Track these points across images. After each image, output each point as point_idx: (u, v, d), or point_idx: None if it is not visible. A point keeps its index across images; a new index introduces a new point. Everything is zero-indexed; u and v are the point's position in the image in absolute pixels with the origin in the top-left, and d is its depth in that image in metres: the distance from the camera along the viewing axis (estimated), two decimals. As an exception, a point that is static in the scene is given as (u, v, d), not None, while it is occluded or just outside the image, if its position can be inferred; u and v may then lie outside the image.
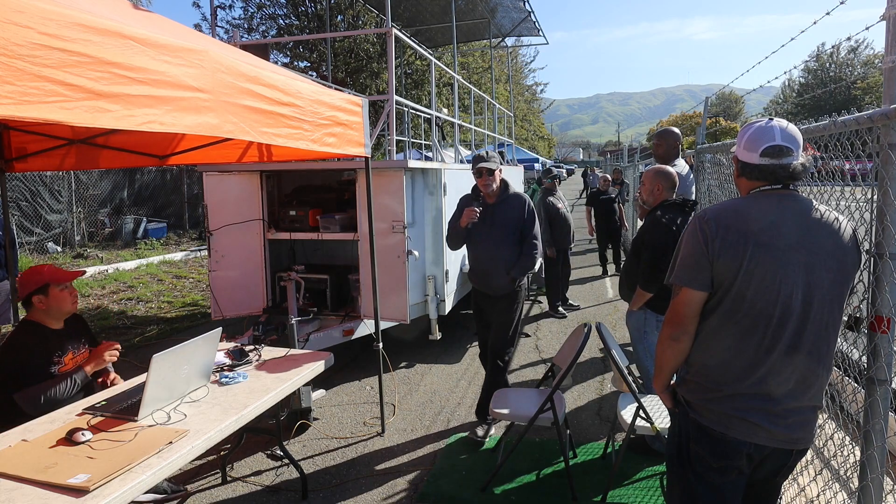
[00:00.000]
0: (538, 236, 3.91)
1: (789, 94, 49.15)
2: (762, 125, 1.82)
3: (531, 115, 34.86)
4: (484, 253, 3.86)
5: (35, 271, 2.84)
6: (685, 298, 1.81)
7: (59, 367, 2.77)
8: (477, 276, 3.98)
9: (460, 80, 8.31)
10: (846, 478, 2.28)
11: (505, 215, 3.83)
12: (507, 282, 3.81)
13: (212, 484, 3.43)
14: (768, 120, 1.84)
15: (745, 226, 1.73)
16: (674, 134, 4.40)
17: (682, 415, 1.90)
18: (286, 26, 16.37)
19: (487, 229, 3.82)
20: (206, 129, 2.15)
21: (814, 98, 40.72)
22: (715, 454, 1.81)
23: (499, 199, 3.88)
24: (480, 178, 3.79)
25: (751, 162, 1.82)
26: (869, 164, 1.96)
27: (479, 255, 3.92)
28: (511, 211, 3.84)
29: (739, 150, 1.87)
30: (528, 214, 3.86)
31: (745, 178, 1.86)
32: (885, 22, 1.78)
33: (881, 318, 1.80)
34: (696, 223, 1.81)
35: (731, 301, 1.75)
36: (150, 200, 15.17)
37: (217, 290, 5.21)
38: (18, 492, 1.84)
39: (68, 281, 2.84)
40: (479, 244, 3.89)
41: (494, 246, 3.81)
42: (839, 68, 46.94)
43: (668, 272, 1.90)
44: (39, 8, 1.50)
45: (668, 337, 1.86)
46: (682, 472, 1.89)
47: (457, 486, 3.37)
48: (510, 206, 3.85)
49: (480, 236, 3.85)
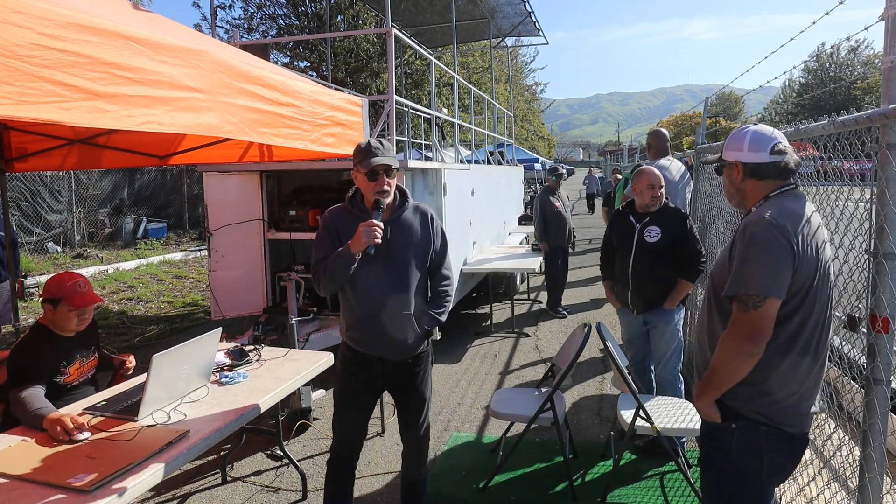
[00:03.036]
0: (451, 267, 2.81)
1: (789, 94, 49.15)
2: (754, 129, 1.89)
3: (531, 115, 34.84)
4: (377, 298, 2.51)
5: (59, 281, 2.75)
6: (769, 311, 1.71)
7: (64, 378, 2.77)
8: (366, 333, 2.56)
9: (460, 80, 8.31)
10: (845, 477, 2.28)
11: (405, 239, 2.55)
12: (418, 338, 2.61)
13: (212, 484, 3.43)
14: (748, 126, 1.93)
15: (809, 228, 1.76)
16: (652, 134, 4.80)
17: (748, 429, 1.83)
18: (286, 26, 16.38)
19: (381, 261, 2.49)
20: (205, 129, 2.15)
21: (814, 98, 40.71)
22: (792, 455, 1.85)
23: (393, 216, 2.56)
24: (376, 182, 2.45)
25: (761, 161, 1.84)
26: (868, 164, 1.96)
27: (369, 301, 2.52)
28: (413, 232, 2.59)
29: (743, 154, 1.88)
30: (437, 234, 2.69)
31: (755, 180, 1.88)
32: (885, 22, 1.78)
33: (881, 318, 1.80)
34: (771, 230, 1.72)
35: (806, 306, 1.75)
36: (150, 200, 15.18)
37: (217, 290, 5.21)
38: (18, 492, 1.84)
39: (79, 308, 2.73)
40: (368, 285, 2.51)
41: (394, 286, 2.53)
42: (839, 68, 46.94)
43: (738, 284, 1.75)
44: (38, 8, 1.49)
45: (745, 353, 1.75)
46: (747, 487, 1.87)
47: (457, 486, 3.37)
48: (411, 225, 2.59)
49: (370, 273, 2.49)
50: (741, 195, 1.95)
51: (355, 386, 2.66)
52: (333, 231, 2.53)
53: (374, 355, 2.60)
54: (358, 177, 2.51)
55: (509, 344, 6.16)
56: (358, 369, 2.64)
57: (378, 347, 2.58)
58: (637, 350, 3.84)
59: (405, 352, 2.61)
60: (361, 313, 2.55)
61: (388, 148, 2.51)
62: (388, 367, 2.62)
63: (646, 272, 3.61)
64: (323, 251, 2.52)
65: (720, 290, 1.86)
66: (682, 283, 3.58)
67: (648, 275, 3.60)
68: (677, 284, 3.58)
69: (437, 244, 2.68)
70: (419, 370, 2.68)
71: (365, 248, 2.37)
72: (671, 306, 3.60)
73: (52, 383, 2.68)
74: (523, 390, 3.74)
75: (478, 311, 7.56)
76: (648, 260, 3.59)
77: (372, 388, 2.69)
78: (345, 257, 2.41)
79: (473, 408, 4.48)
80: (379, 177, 2.45)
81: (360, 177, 2.49)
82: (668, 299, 3.59)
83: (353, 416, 2.67)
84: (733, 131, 1.97)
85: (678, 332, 3.67)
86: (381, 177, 2.45)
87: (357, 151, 2.51)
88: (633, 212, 3.73)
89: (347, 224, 2.50)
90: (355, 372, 2.64)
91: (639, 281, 3.64)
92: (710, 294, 1.97)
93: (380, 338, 2.56)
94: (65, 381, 2.77)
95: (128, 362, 3.15)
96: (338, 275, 2.44)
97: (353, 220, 2.48)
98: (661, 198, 3.63)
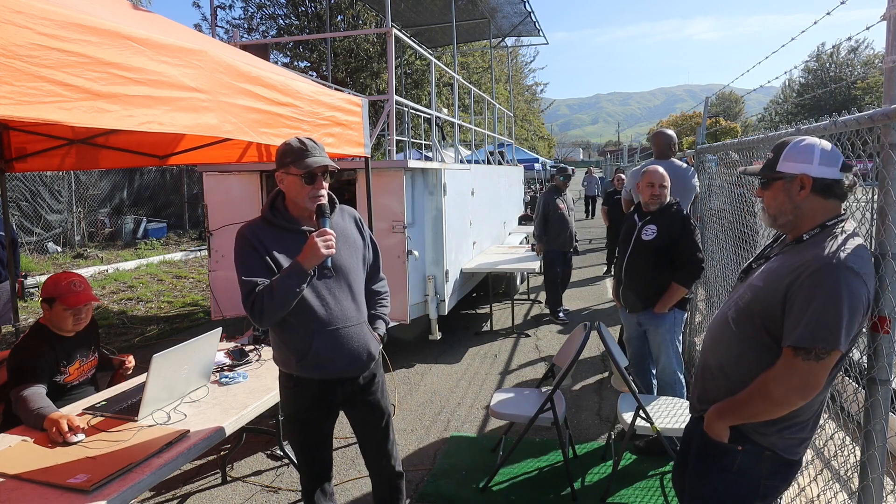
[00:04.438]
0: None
1: (789, 94, 49.13)
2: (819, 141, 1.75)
3: (531, 115, 34.83)
4: (333, 313, 2.27)
5: (55, 281, 2.76)
6: (830, 363, 1.61)
7: (64, 377, 2.77)
8: (324, 354, 2.26)
9: (460, 80, 8.31)
10: (846, 478, 2.27)
11: (344, 245, 2.33)
12: (375, 345, 2.43)
13: (212, 484, 3.42)
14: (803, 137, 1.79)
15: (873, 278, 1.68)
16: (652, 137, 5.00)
17: (753, 453, 1.80)
18: (286, 26, 16.38)
19: (327, 272, 2.25)
20: (205, 129, 2.15)
21: (814, 98, 40.70)
22: (787, 480, 1.86)
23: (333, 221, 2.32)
24: (313, 185, 2.20)
25: (833, 178, 1.70)
26: (869, 164, 1.96)
27: (323, 318, 2.25)
28: (350, 237, 2.39)
29: (812, 167, 1.71)
30: (367, 235, 2.50)
31: (822, 198, 1.72)
32: (886, 22, 1.77)
33: (883, 319, 1.80)
34: (857, 281, 1.58)
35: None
36: (150, 200, 15.18)
37: (217, 290, 5.21)
38: (18, 492, 1.84)
39: (74, 307, 2.74)
40: (320, 301, 2.24)
41: (345, 295, 2.31)
42: (839, 68, 46.91)
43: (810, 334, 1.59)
44: (38, 8, 1.49)
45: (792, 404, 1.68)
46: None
47: (457, 486, 3.37)
48: (347, 230, 2.39)
49: (319, 288, 2.25)
50: (797, 215, 1.76)
51: (314, 422, 2.38)
52: (262, 249, 2.16)
53: (333, 378, 2.31)
54: (287, 179, 2.20)
55: (509, 344, 6.16)
56: (315, 403, 2.34)
57: (338, 367, 2.29)
58: (635, 350, 3.85)
59: (367, 362, 2.38)
60: (315, 334, 2.23)
61: (322, 147, 2.26)
62: (348, 387, 2.36)
63: (639, 270, 3.63)
64: (255, 274, 2.13)
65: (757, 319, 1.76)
66: (674, 287, 3.54)
67: (642, 273, 3.62)
68: (669, 287, 3.55)
69: (371, 245, 2.50)
70: (378, 378, 2.47)
71: (321, 261, 2.12)
72: (661, 310, 3.56)
73: (52, 383, 2.68)
74: (523, 390, 3.74)
75: (478, 311, 7.56)
76: (643, 258, 3.60)
77: (330, 414, 2.43)
78: (297, 276, 2.10)
79: (473, 408, 4.48)
80: (317, 180, 2.19)
81: (292, 179, 2.19)
82: (658, 302, 3.57)
83: (318, 451, 2.44)
84: (791, 142, 1.78)
85: (672, 337, 3.64)
86: (318, 179, 2.19)
87: (287, 151, 2.20)
88: (639, 210, 3.77)
89: (276, 239, 2.20)
90: (311, 406, 2.35)
91: (631, 278, 3.66)
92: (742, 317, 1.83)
93: (340, 355, 2.28)
94: (65, 380, 2.77)
95: (127, 362, 3.15)
96: (290, 298, 2.11)
97: (280, 234, 2.21)
98: (661, 197, 3.63)
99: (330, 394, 2.34)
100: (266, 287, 2.11)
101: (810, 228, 1.75)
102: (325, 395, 2.34)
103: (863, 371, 1.92)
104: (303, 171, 2.16)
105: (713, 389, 1.92)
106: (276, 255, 2.17)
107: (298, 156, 2.17)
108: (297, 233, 2.24)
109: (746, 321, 1.80)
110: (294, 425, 2.43)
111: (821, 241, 1.68)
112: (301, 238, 2.20)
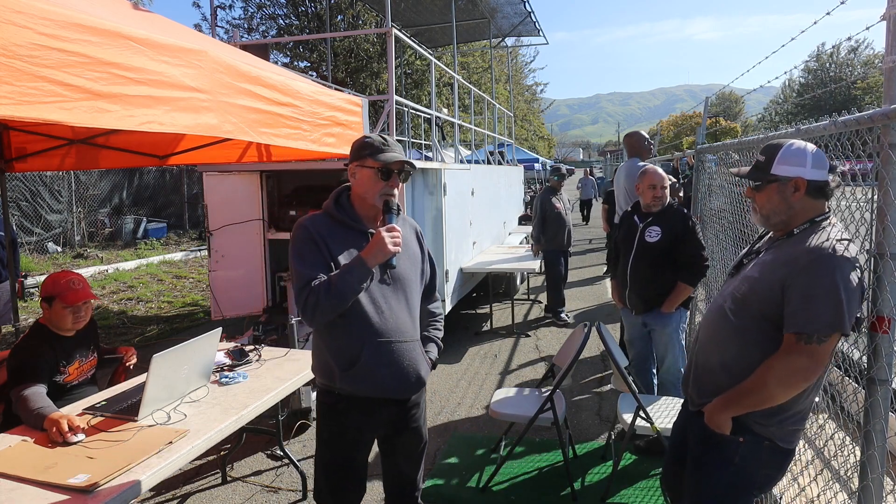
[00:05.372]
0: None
1: (789, 94, 49.13)
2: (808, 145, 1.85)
3: (531, 115, 34.83)
4: (389, 322, 2.07)
5: (54, 279, 2.77)
6: (831, 345, 1.71)
7: (64, 377, 2.77)
8: (374, 368, 2.05)
9: (460, 80, 8.31)
10: (846, 478, 2.27)
11: (405, 253, 2.16)
12: (426, 369, 2.20)
13: (212, 484, 3.43)
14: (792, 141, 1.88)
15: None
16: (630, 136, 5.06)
17: (753, 443, 1.85)
18: (286, 26, 16.40)
19: (387, 278, 2.10)
20: (205, 129, 2.14)
21: (814, 98, 40.70)
22: (783, 469, 1.92)
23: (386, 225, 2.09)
24: (389, 181, 2.08)
25: (823, 180, 1.81)
26: (869, 164, 1.96)
27: (379, 326, 2.05)
28: (410, 247, 2.23)
29: (806, 170, 1.80)
30: (426, 249, 2.34)
31: (813, 199, 1.82)
32: (886, 22, 1.77)
33: (882, 319, 1.80)
34: (851, 265, 1.68)
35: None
36: (150, 200, 15.18)
37: (217, 290, 5.21)
38: (18, 492, 1.84)
39: (73, 304, 2.75)
40: (376, 307, 2.06)
41: (402, 307, 2.13)
42: (839, 68, 46.92)
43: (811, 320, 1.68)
44: (38, 8, 1.49)
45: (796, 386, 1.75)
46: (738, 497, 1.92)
47: (457, 486, 3.37)
48: (408, 239, 2.21)
49: (375, 292, 2.06)
50: (790, 214, 1.85)
51: (352, 447, 2.14)
52: (321, 243, 2.01)
53: (378, 397, 2.09)
54: (360, 173, 2.07)
55: (509, 344, 6.16)
56: (356, 423, 2.10)
57: (386, 384, 2.07)
58: (638, 351, 3.84)
59: (416, 386, 2.15)
60: (366, 344, 2.02)
61: (401, 147, 2.15)
62: (393, 410, 2.14)
63: (645, 272, 3.61)
64: (313, 269, 1.97)
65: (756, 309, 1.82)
66: (680, 286, 3.56)
67: (647, 275, 3.60)
68: (676, 287, 3.56)
69: (430, 260, 2.33)
70: (422, 405, 2.27)
71: (386, 258, 1.98)
72: (668, 309, 3.58)
73: (52, 383, 2.68)
74: (523, 390, 3.74)
75: (478, 311, 7.56)
76: (648, 260, 3.59)
77: (370, 442, 2.20)
78: (359, 271, 1.94)
79: (473, 408, 4.48)
80: (392, 177, 2.06)
81: (366, 173, 2.06)
82: (665, 302, 3.58)
83: (353, 485, 2.17)
84: (783, 146, 1.85)
85: (678, 336, 3.65)
86: (394, 177, 2.07)
87: (365, 144, 2.08)
88: (638, 212, 3.75)
89: (336, 234, 2.05)
90: (352, 427, 2.10)
91: (637, 281, 3.64)
92: (741, 308, 1.89)
93: (390, 372, 2.06)
94: (65, 380, 2.77)
95: (129, 355, 3.15)
96: (349, 295, 1.94)
97: (341, 229, 2.07)
98: (663, 198, 3.63)
99: (372, 417, 2.11)
100: (324, 282, 1.93)
101: (798, 225, 1.85)
102: (366, 418, 2.11)
103: (862, 371, 1.92)
104: (380, 165, 2.04)
105: (714, 383, 1.95)
106: (334, 253, 2.02)
107: (375, 150, 2.06)
108: (359, 232, 2.09)
109: (745, 312, 1.88)
110: (326, 456, 2.17)
111: (812, 234, 1.79)
112: (363, 239, 2.07)
